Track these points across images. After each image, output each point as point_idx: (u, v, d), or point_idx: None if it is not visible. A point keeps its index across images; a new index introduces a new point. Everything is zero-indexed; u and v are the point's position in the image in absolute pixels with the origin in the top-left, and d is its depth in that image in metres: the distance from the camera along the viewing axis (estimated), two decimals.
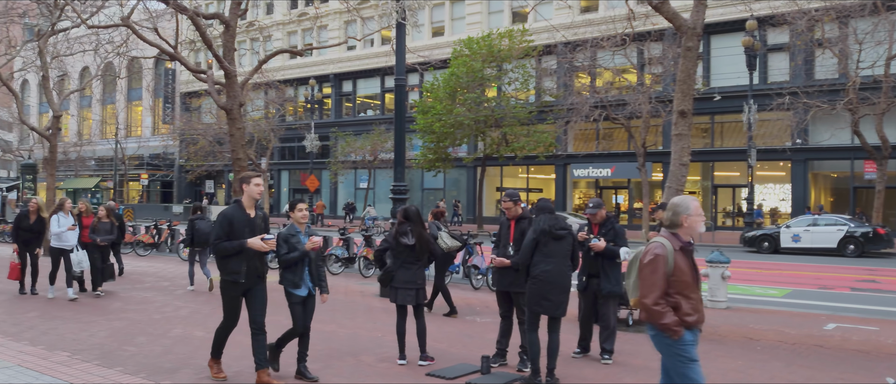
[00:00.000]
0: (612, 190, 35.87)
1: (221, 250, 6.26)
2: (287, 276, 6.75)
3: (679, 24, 10.15)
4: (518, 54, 30.73)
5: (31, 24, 40.68)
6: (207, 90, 16.37)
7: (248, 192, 6.41)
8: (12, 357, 7.45)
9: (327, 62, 44.10)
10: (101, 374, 6.81)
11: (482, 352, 7.43)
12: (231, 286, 6.43)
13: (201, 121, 45.20)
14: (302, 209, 6.83)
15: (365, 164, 38.08)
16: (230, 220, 6.28)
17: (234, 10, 15.50)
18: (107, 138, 55.72)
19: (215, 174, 49.14)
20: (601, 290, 7.76)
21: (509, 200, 7.52)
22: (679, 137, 10.18)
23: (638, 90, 26.90)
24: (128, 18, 16.11)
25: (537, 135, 30.88)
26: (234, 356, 7.63)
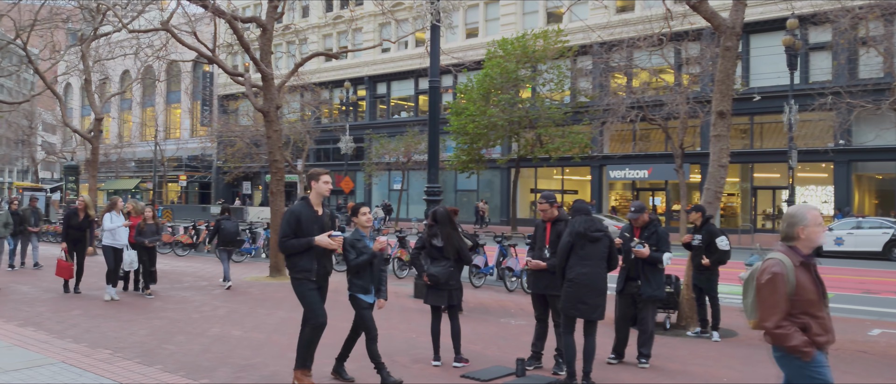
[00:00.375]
0: (649, 191, 35.45)
1: (289, 247, 6.13)
2: (356, 282, 6.53)
3: (718, 24, 9.99)
4: (553, 55, 30.54)
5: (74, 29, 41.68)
6: (245, 93, 16.58)
7: (316, 190, 6.30)
8: (57, 354, 7.63)
9: (362, 64, 44.39)
10: (142, 372, 6.93)
11: (517, 355, 7.39)
12: (304, 284, 6.29)
13: (238, 123, 45.83)
14: (365, 213, 6.62)
15: (398, 165, 38.23)
16: (298, 218, 6.13)
17: (270, 13, 15.67)
18: (146, 140, 56.88)
19: (252, 175, 49.79)
20: (641, 294, 7.62)
21: (545, 202, 7.45)
22: (718, 138, 10.02)
23: (675, 90, 26.52)
24: (167, 22, 16.41)
25: (572, 136, 30.64)
26: (272, 354, 7.71)
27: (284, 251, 6.18)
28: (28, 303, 11.01)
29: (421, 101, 42.40)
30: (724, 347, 8.71)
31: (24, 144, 62.91)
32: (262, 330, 9.23)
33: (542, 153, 31.33)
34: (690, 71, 28.80)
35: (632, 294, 7.73)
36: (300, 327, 6.48)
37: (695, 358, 8.09)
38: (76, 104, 63.21)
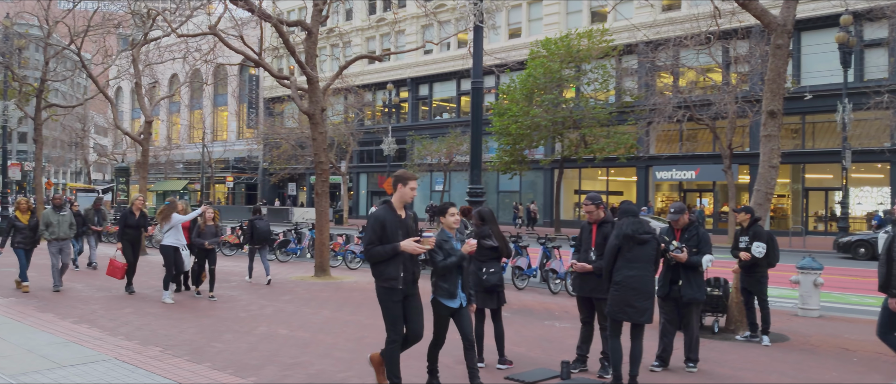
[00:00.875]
0: (696, 192, 34.84)
1: (376, 255, 5.79)
2: (442, 286, 6.14)
3: (768, 21, 9.76)
4: (597, 54, 30.21)
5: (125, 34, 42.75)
6: (290, 95, 16.79)
7: (400, 194, 5.99)
8: (110, 350, 7.83)
9: (404, 66, 44.61)
10: (192, 369, 7.07)
11: (561, 358, 7.32)
12: (389, 293, 5.91)
13: (284, 125, 46.53)
14: (454, 213, 6.31)
15: (440, 166, 38.30)
16: (382, 223, 5.81)
17: (315, 17, 15.83)
18: (194, 142, 58.13)
19: (297, 177, 50.48)
20: (683, 297, 7.47)
21: (591, 204, 7.35)
22: (768, 138, 9.79)
23: (723, 90, 26.00)
24: (215, 27, 16.69)
25: (618, 136, 30.26)
26: (318, 354, 7.78)
27: (371, 259, 5.86)
28: (82, 302, 11.33)
29: (463, 102, 42.42)
30: (774, 352, 8.49)
31: (77, 147, 64.97)
32: (307, 329, 9.33)
33: (586, 154, 31.02)
34: (739, 70, 28.20)
35: (675, 298, 7.57)
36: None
37: (744, 363, 7.91)
38: (127, 107, 64.93)
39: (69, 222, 12.62)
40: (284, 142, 42.71)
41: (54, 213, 12.53)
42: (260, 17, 15.23)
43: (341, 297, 12.29)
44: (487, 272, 7.31)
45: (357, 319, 10.14)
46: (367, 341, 8.59)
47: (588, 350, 7.47)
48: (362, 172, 48.42)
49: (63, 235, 12.46)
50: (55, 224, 12.38)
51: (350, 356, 7.77)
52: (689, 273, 7.45)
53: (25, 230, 12.14)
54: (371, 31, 47.24)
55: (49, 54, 25.99)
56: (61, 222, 12.49)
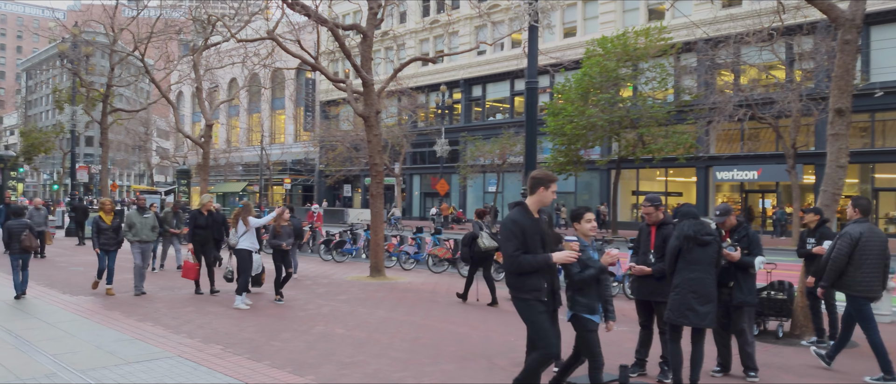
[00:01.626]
0: (758, 193, 33.88)
1: (524, 265, 5.23)
2: (580, 300, 5.61)
3: (835, 16, 9.41)
4: (655, 52, 29.64)
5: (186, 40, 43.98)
6: (346, 98, 17.00)
7: (540, 197, 5.47)
8: (173, 347, 8.04)
9: (457, 68, 44.68)
10: (252, 367, 7.20)
11: (619, 361, 7.19)
12: (533, 305, 5.36)
13: (339, 128, 47.16)
14: (590, 219, 5.77)
15: (494, 167, 38.20)
16: (522, 229, 5.29)
17: (371, 20, 15.98)
18: (253, 145, 59.44)
19: (352, 178, 51.07)
20: (733, 301, 7.19)
21: (650, 205, 7.21)
22: (836, 137, 9.43)
23: (787, 87, 25.20)
24: (273, 32, 17.04)
25: (676, 136, 29.62)
26: (374, 353, 7.83)
27: (518, 270, 5.27)
28: (147, 300, 11.67)
29: (516, 103, 42.24)
30: (842, 359, 8.16)
31: (140, 150, 67.18)
32: (363, 328, 9.41)
33: (644, 154, 30.47)
34: (803, 66, 27.30)
35: (724, 301, 7.30)
36: (526, 351, 5.62)
37: (810, 370, 7.63)
38: (187, 111, 66.77)
39: (152, 224, 12.54)
40: (340, 144, 43.29)
41: (138, 215, 12.49)
42: (316, 22, 15.46)
43: (396, 298, 12.35)
44: None
45: (412, 320, 10.18)
46: (422, 342, 8.61)
47: (647, 354, 7.33)
48: (415, 174, 48.68)
49: (145, 237, 12.40)
50: (138, 225, 12.34)
51: (405, 356, 7.80)
52: (740, 276, 7.20)
53: (109, 231, 11.96)
54: (424, 33, 47.47)
55: (114, 60, 26.95)
56: (144, 224, 12.43)
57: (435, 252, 16.89)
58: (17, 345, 8.03)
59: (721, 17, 29.58)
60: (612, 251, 5.63)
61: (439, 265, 16.71)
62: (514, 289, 5.39)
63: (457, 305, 11.69)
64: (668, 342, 6.66)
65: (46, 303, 11.25)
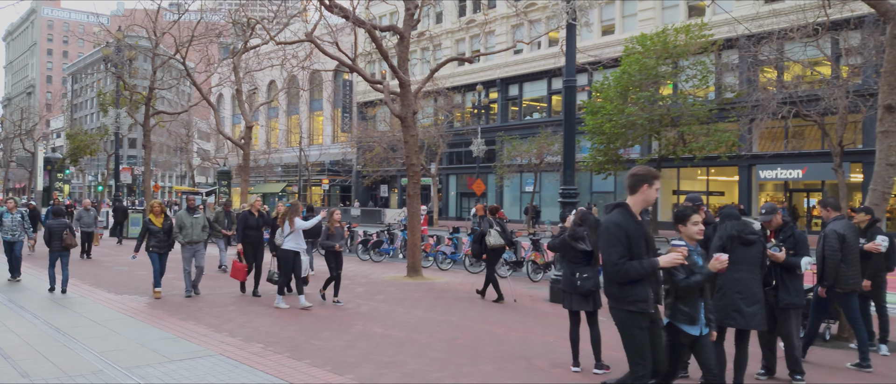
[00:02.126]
0: (803, 192, 33.09)
1: (630, 272, 4.75)
2: (682, 309, 5.11)
3: (884, 10, 9.13)
4: (695, 50, 29.14)
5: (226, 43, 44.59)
6: (383, 99, 17.05)
7: (643, 196, 5.02)
8: (215, 346, 8.15)
9: (494, 67, 44.56)
10: (292, 366, 7.26)
11: None
12: (636, 319, 4.82)
13: (376, 129, 47.39)
14: (697, 221, 5.18)
15: (531, 167, 37.99)
16: (626, 232, 4.82)
17: (407, 21, 16.02)
18: (291, 146, 60.11)
19: (389, 179, 51.29)
20: (779, 302, 6.99)
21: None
22: (885, 135, 9.16)
23: (833, 84, 24.53)
24: (311, 34, 17.18)
25: (718, 134, 29.07)
26: (412, 353, 7.83)
27: (624, 278, 4.78)
28: (191, 299, 11.86)
29: (554, 102, 41.97)
30: (893, 362, 7.93)
31: (182, 151, 68.36)
32: (401, 328, 9.42)
33: (684, 153, 29.99)
34: (850, 62, 26.56)
35: (769, 303, 7.11)
36: (629, 369, 5.00)
37: (859, 373, 7.41)
38: (228, 113, 67.80)
39: (202, 225, 12.22)
40: (377, 145, 43.51)
41: (188, 216, 12.17)
42: (354, 24, 15.55)
43: (433, 298, 12.36)
44: (581, 277, 7.16)
45: (449, 320, 10.16)
46: (460, 342, 8.59)
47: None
48: (452, 174, 48.69)
49: (196, 238, 12.11)
50: (188, 226, 12.05)
51: (444, 356, 7.79)
52: (785, 276, 7.00)
53: (159, 233, 11.73)
54: (461, 33, 47.45)
55: (156, 64, 27.48)
56: (195, 225, 12.12)
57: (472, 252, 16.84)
58: (64, 343, 8.23)
59: (764, 12, 28.99)
60: (721, 256, 5.13)
61: (476, 265, 16.67)
62: (617, 299, 4.90)
63: (495, 306, 11.65)
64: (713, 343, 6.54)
65: (92, 301, 11.51)
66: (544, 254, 15.56)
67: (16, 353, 7.62)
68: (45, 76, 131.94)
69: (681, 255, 4.82)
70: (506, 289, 12.84)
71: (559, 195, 12.60)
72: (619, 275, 4.79)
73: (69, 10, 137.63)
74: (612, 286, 4.89)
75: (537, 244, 15.68)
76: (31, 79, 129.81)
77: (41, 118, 76.74)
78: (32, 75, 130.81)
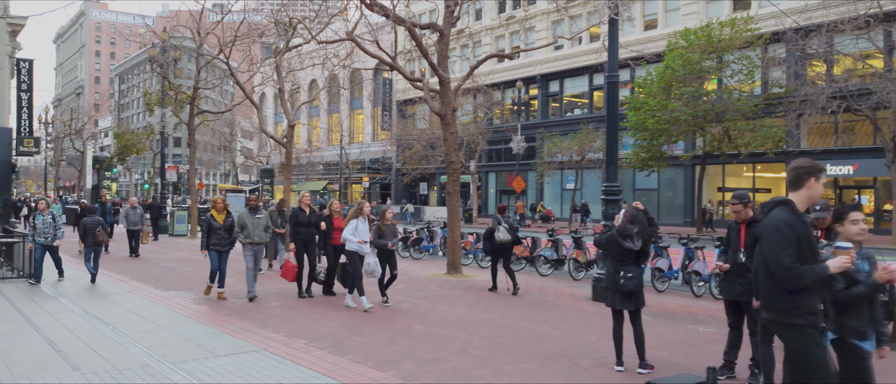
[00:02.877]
0: (853, 189, 32.17)
1: (805, 279, 4.13)
2: (848, 323, 4.50)
3: None
4: (741, 44, 28.50)
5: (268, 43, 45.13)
6: (422, 97, 17.07)
7: (810, 192, 4.40)
8: (259, 342, 8.25)
9: (534, 63, 44.29)
10: (334, 361, 7.30)
11: (706, 363, 6.93)
12: (810, 334, 4.20)
13: (415, 126, 47.51)
14: (856, 220, 4.67)
15: (572, 164, 37.67)
16: (797, 233, 4.20)
17: (447, 18, 16.00)
18: (332, 145, 60.68)
19: (428, 176, 51.40)
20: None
21: (738, 203, 6.94)
22: None
23: (885, 77, 23.80)
24: (352, 33, 17.27)
25: (764, 129, 28.39)
26: (454, 350, 7.81)
27: (797, 285, 4.16)
28: (233, 295, 12.01)
29: (595, 98, 41.55)
30: None
31: (225, 150, 69.55)
32: (442, 325, 9.41)
33: (730, 149, 29.38)
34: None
35: None
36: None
37: None
38: (270, 112, 68.72)
39: (265, 225, 11.77)
40: (416, 142, 43.64)
41: (249, 215, 11.70)
42: (394, 22, 15.58)
43: (473, 295, 12.32)
44: (625, 276, 7.05)
45: (490, 317, 10.12)
46: (501, 340, 8.54)
47: (736, 356, 7.07)
48: (491, 171, 48.57)
49: (258, 239, 11.67)
50: (250, 227, 11.57)
51: (485, 354, 7.75)
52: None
53: (221, 231, 11.41)
54: (500, 30, 47.28)
55: (200, 64, 27.94)
56: (257, 225, 11.66)
57: None
58: (114, 337, 8.41)
59: (812, 4, 28.21)
60: (890, 265, 4.49)
61: (516, 263, 16.57)
62: (782, 313, 4.27)
63: (536, 304, 11.56)
64: (759, 343, 6.38)
65: (139, 297, 11.76)
66: (586, 252, 15.40)
67: (68, 347, 7.82)
68: (94, 77, 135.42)
69: (849, 259, 4.20)
70: (550, 288, 12.72)
71: (602, 192, 12.47)
72: (793, 282, 4.16)
73: (116, 11, 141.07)
74: (778, 296, 4.27)
75: (579, 242, 15.52)
76: (81, 80, 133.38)
77: (90, 118, 78.88)
78: (81, 76, 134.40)
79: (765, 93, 30.49)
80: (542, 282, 14.53)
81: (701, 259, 13.26)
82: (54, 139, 65.17)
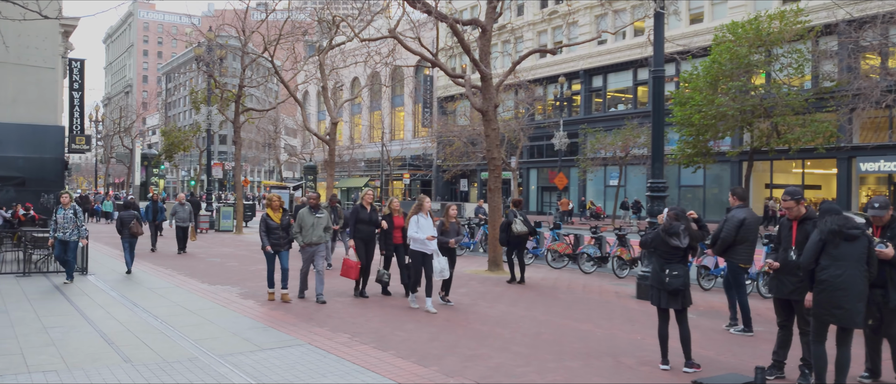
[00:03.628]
0: None
1: None
2: None
3: None
4: (791, 37, 27.73)
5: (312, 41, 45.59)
6: (463, 94, 17.06)
7: None
8: (304, 336, 8.35)
9: (577, 58, 43.87)
10: (378, 356, 7.34)
11: (754, 363, 6.81)
12: None
13: (456, 123, 47.49)
14: None
15: (615, 160, 37.21)
16: None
17: (489, 14, 15.94)
18: (374, 142, 61.04)
19: (469, 173, 51.36)
20: (888, 303, 6.51)
21: (791, 199, 6.76)
22: None
23: None
24: (394, 30, 17.34)
25: (815, 124, 27.57)
26: (496, 347, 7.79)
27: None
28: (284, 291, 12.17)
29: (639, 93, 40.97)
30: None
31: (270, 147, 70.54)
32: (484, 322, 9.39)
33: (778, 144, 28.62)
34: None
35: (877, 303, 6.63)
36: None
37: None
38: (313, 110, 69.43)
39: (325, 224, 11.02)
40: (456, 139, 43.61)
41: (310, 215, 10.94)
42: (436, 18, 15.58)
43: (515, 292, 12.27)
44: (671, 274, 6.94)
45: (532, 315, 10.06)
46: (544, 337, 8.49)
47: (786, 356, 6.91)
48: (532, 168, 48.31)
49: (316, 239, 10.89)
50: (310, 226, 10.85)
51: (528, 351, 7.71)
52: (894, 276, 6.53)
53: (278, 230, 10.84)
54: (542, 25, 46.94)
55: (245, 62, 28.37)
56: (317, 225, 10.90)
57: (554, 247, 16.64)
58: (162, 330, 8.60)
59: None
60: None
61: (559, 260, 16.46)
62: None
63: (579, 301, 11.46)
64: (812, 343, 6.24)
65: (187, 291, 12.00)
66: (630, 249, 15.21)
67: (119, 339, 8.02)
68: (142, 76, 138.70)
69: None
70: (594, 286, 12.60)
71: (647, 189, 12.29)
72: None
73: (163, 11, 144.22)
74: None
75: (623, 239, 15.34)
76: (129, 79, 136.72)
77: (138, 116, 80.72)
78: (130, 75, 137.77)
79: (815, 87, 29.68)
80: (585, 279, 14.40)
81: None
82: (104, 137, 66.97)
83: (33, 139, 19.99)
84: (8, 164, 19.57)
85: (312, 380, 6.45)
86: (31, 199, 20.33)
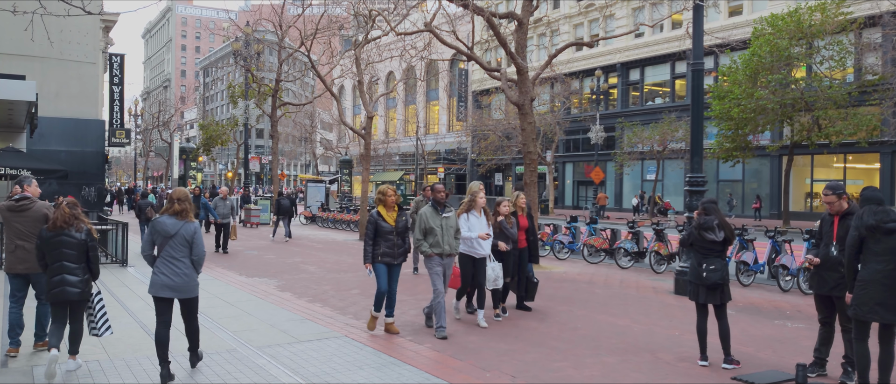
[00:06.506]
0: None
1: None
2: None
3: None
4: (832, 29, 27.11)
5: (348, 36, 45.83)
6: (498, 87, 17.02)
7: None
8: (340, 328, 8.45)
9: (613, 52, 43.44)
10: (414, 350, 7.40)
11: (795, 360, 6.73)
12: None
13: (491, 117, 47.41)
14: None
15: (653, 154, 36.81)
16: None
17: (526, 7, 15.87)
18: (409, 136, 61.25)
19: (504, 167, 51.25)
20: None
21: (832, 194, 6.63)
22: None
23: None
24: (430, 23, 17.36)
25: (857, 118, 26.97)
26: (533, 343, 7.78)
27: None
28: (315, 283, 12.34)
29: (677, 86, 40.43)
30: None
31: (306, 141, 71.22)
32: (520, 316, 9.38)
33: (820, 138, 28.06)
34: None
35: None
36: None
37: None
38: (349, 104, 69.90)
39: (455, 228, 8.29)
40: (491, 133, 43.56)
41: (436, 215, 8.15)
42: (473, 11, 15.57)
43: (552, 287, 12.23)
44: (708, 269, 6.87)
45: (568, 309, 10.03)
46: (580, 332, 8.46)
47: (827, 353, 6.79)
48: (568, 162, 48.02)
49: (449, 249, 8.11)
50: (439, 231, 8.06)
51: (564, 346, 7.70)
52: None
53: (392, 236, 7.92)
54: (579, 18, 46.56)
55: (282, 57, 28.66)
56: (447, 229, 8.14)
57: (591, 242, 16.54)
58: (201, 321, 8.76)
59: None
60: None
61: (595, 255, 16.37)
62: None
63: (616, 297, 11.39)
64: (854, 340, 6.11)
65: (225, 283, 12.21)
66: (668, 244, 15.05)
67: None
68: (180, 70, 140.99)
69: None
70: (631, 281, 12.51)
71: (686, 183, 12.15)
72: None
73: (201, 6, 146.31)
74: None
75: (661, 234, 15.18)
76: (167, 73, 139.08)
77: (176, 110, 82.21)
78: (168, 70, 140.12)
79: (858, 80, 28.97)
80: (622, 274, 14.30)
81: (789, 252, 12.78)
82: (143, 131, 68.29)
83: (75, 133, 20.43)
84: (51, 158, 20.04)
85: (349, 372, 6.53)
86: (72, 192, 20.78)
